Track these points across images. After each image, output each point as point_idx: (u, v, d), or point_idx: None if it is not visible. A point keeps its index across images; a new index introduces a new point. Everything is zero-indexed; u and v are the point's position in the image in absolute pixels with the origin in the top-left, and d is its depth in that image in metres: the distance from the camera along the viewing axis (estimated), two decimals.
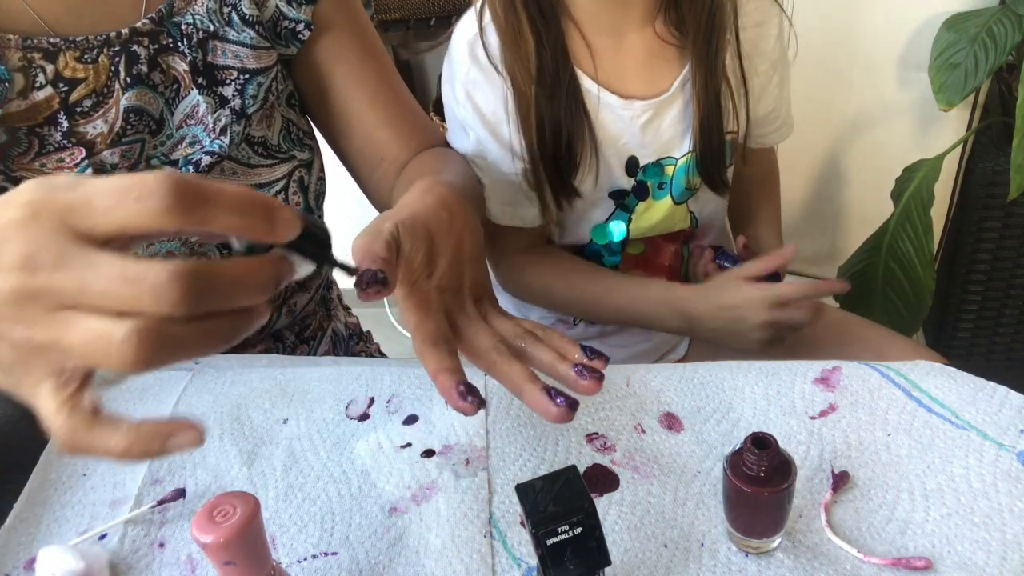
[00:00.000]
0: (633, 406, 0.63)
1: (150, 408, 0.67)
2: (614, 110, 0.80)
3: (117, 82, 0.67)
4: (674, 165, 0.84)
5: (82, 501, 0.59)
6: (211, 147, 0.72)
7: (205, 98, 0.71)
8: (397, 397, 0.66)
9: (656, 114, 0.81)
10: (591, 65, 0.79)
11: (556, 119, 0.79)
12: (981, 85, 1.23)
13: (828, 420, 0.60)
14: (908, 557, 0.50)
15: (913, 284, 1.28)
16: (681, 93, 0.81)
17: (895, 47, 1.38)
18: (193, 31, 0.70)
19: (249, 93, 0.73)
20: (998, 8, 1.24)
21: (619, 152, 0.82)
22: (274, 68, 0.74)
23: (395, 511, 0.57)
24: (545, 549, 0.41)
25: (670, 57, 0.81)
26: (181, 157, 0.72)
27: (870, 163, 1.49)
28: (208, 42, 0.71)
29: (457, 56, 0.81)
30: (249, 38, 0.72)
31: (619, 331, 0.96)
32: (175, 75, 0.71)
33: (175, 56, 0.70)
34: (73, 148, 0.66)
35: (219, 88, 0.72)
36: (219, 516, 0.41)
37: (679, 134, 0.82)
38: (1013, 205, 1.31)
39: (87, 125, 0.67)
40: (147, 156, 0.70)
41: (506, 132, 0.81)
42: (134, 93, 0.68)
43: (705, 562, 0.51)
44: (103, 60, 0.67)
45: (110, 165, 0.68)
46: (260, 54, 0.73)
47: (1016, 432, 0.57)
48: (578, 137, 0.80)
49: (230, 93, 0.72)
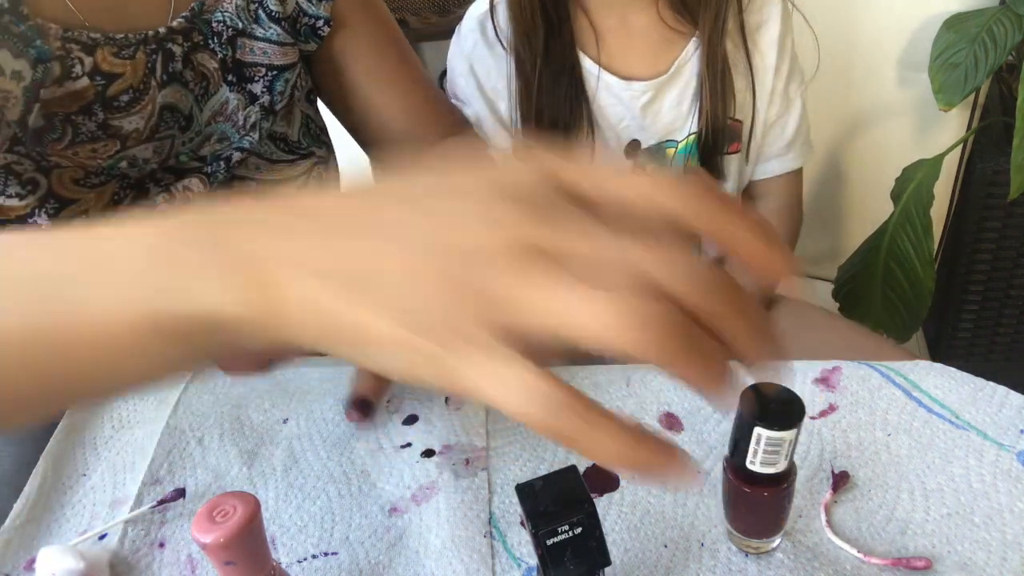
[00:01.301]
0: (633, 406, 0.63)
1: (150, 408, 0.67)
2: (614, 91, 0.81)
3: (153, 79, 0.68)
4: (675, 148, 0.84)
5: (82, 501, 0.59)
6: (241, 143, 0.73)
7: (236, 95, 0.72)
8: (397, 397, 0.66)
9: (656, 96, 0.82)
10: (594, 47, 0.81)
11: (555, 104, 0.80)
12: (981, 85, 1.23)
13: (828, 420, 0.60)
14: (908, 557, 0.50)
15: (913, 284, 1.28)
16: (681, 74, 0.82)
17: (895, 47, 1.37)
18: (223, 28, 0.71)
19: (277, 89, 0.74)
20: (998, 8, 1.24)
21: (619, 136, 0.83)
22: (298, 64, 0.75)
23: (395, 511, 0.57)
24: (545, 549, 0.41)
25: (671, 39, 0.82)
26: (209, 153, 0.73)
27: (870, 163, 1.49)
28: (237, 39, 0.72)
29: (466, 29, 0.84)
30: (276, 34, 0.73)
31: None
32: (204, 72, 0.71)
33: (206, 54, 0.71)
34: (108, 140, 0.66)
35: (248, 85, 0.73)
36: (219, 516, 0.41)
37: (681, 116, 0.83)
38: (1013, 205, 1.31)
39: (123, 120, 0.67)
40: (176, 152, 0.71)
41: (504, 108, 0.83)
42: (170, 90, 0.68)
43: (705, 562, 0.51)
44: (140, 57, 0.67)
45: (142, 160, 0.68)
46: (286, 50, 0.73)
47: (1016, 432, 0.57)
48: (575, 123, 0.81)
49: (259, 90, 0.73)
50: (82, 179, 0.66)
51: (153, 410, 0.66)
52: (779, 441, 0.45)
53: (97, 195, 0.68)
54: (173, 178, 0.71)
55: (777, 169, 0.92)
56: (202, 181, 0.72)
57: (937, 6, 1.30)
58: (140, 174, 0.69)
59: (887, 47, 1.39)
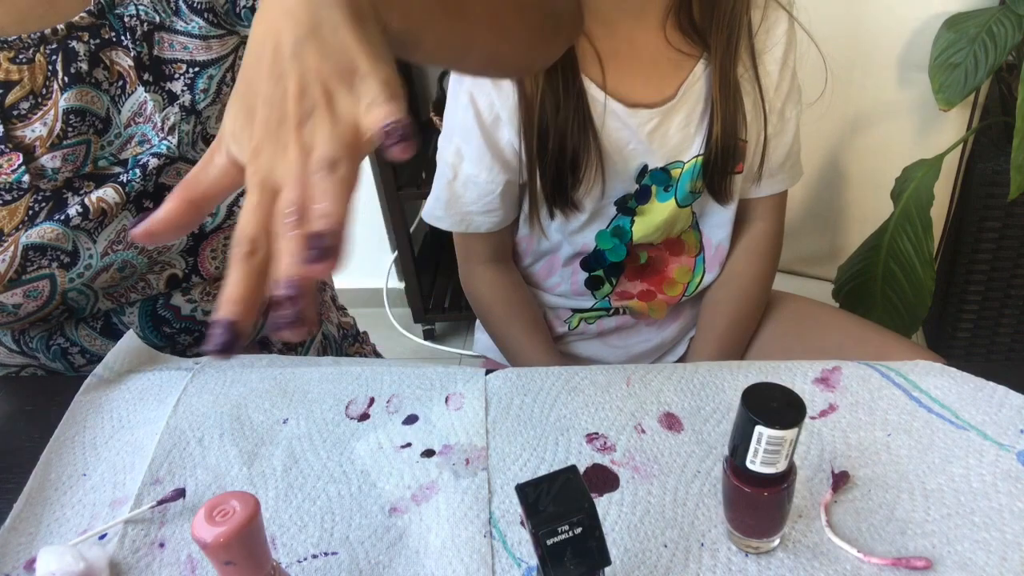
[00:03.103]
0: (633, 406, 0.63)
1: (150, 408, 0.67)
2: (620, 117, 0.80)
3: (55, 82, 0.64)
4: (681, 169, 0.83)
5: (82, 501, 0.59)
6: (159, 148, 0.68)
7: (152, 95, 0.68)
8: (397, 397, 0.66)
9: (663, 121, 0.80)
10: (599, 72, 0.79)
11: (561, 130, 0.78)
12: (981, 85, 1.23)
13: (828, 420, 0.60)
14: (908, 557, 0.50)
15: (913, 284, 1.28)
16: (687, 98, 0.81)
17: (895, 47, 1.37)
18: (137, 23, 0.67)
19: (199, 87, 0.69)
20: (998, 8, 1.24)
21: (625, 159, 0.82)
22: (230, 56, 0.71)
23: (395, 511, 0.57)
24: (545, 549, 0.41)
25: (678, 61, 0.80)
26: (130, 157, 0.69)
27: (870, 163, 1.49)
28: (154, 34, 0.67)
29: None
30: (198, 27, 0.68)
31: (618, 331, 0.96)
32: (119, 71, 0.67)
33: (118, 51, 0.67)
34: (10, 153, 0.64)
35: (167, 84, 0.68)
36: (219, 516, 0.41)
37: (688, 137, 0.82)
38: (1013, 205, 1.31)
39: (24, 129, 0.64)
40: (94, 157, 0.67)
41: (502, 137, 0.80)
42: (73, 93, 0.65)
43: (705, 562, 0.51)
44: (39, 59, 0.64)
45: (51, 169, 0.65)
46: (211, 44, 0.69)
47: (1016, 432, 0.57)
48: (583, 150, 0.79)
49: (179, 88, 0.69)
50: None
51: (153, 410, 0.66)
52: (780, 440, 0.45)
53: (10, 211, 0.65)
54: (93, 186, 0.67)
55: (765, 190, 0.90)
56: (117, 191, 0.67)
57: (937, 6, 1.31)
58: (53, 185, 0.66)
59: (887, 47, 1.39)
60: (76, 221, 0.66)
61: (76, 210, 0.66)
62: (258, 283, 0.35)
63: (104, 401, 0.68)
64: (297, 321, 0.34)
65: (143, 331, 0.75)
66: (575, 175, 0.80)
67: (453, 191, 0.84)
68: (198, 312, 0.78)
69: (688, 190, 0.84)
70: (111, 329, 0.75)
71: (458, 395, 0.65)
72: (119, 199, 0.67)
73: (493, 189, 0.82)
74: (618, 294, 0.92)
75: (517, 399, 0.64)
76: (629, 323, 0.95)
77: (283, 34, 0.38)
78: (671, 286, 0.92)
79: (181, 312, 0.77)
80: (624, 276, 0.91)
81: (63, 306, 0.70)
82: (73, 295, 0.70)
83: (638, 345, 0.97)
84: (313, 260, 0.33)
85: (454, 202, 0.85)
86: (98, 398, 0.68)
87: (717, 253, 0.91)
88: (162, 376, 0.70)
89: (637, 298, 0.92)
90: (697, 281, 0.92)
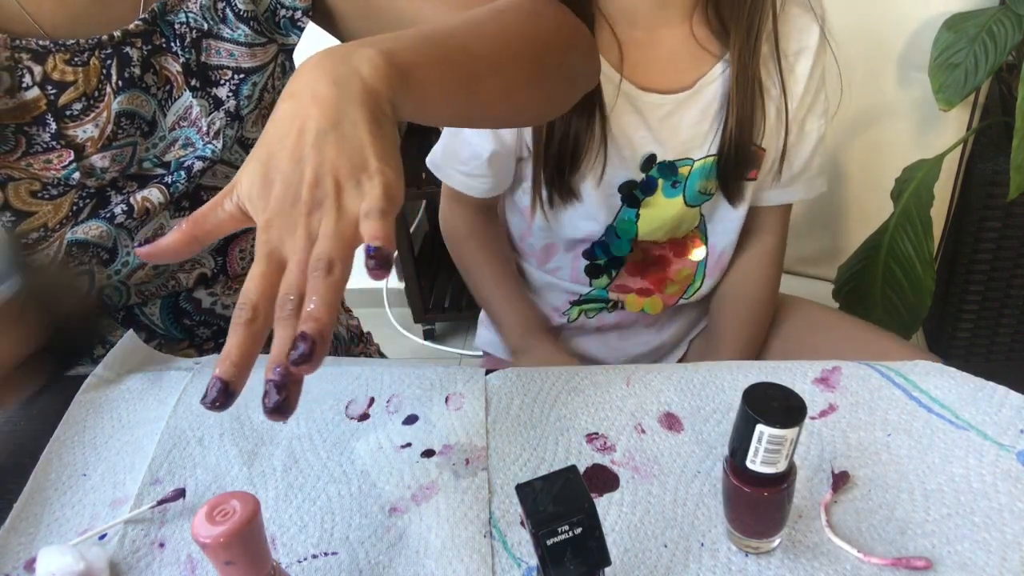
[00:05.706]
0: (633, 406, 0.63)
1: (150, 408, 0.67)
2: (631, 99, 0.79)
3: (109, 86, 0.67)
4: (690, 167, 0.83)
5: (82, 501, 0.59)
6: (203, 151, 0.71)
7: (199, 100, 0.70)
8: (397, 397, 0.66)
9: (675, 110, 0.80)
10: (617, 56, 0.79)
11: (568, 114, 0.78)
12: (981, 85, 1.23)
13: (828, 420, 0.60)
14: (908, 557, 0.50)
15: (913, 284, 1.28)
16: (704, 93, 0.80)
17: (895, 47, 1.37)
18: (186, 30, 0.69)
19: (244, 94, 0.72)
20: (998, 8, 1.24)
21: (634, 147, 0.81)
22: (271, 64, 0.73)
23: (395, 511, 0.57)
24: (545, 549, 0.41)
25: (699, 57, 0.80)
26: (173, 160, 0.71)
27: (870, 163, 1.49)
28: (202, 41, 0.70)
29: None
30: (243, 35, 0.71)
31: (617, 330, 0.96)
32: (168, 76, 0.70)
33: (168, 57, 0.69)
34: (61, 150, 0.66)
35: (213, 89, 0.71)
36: (219, 516, 0.41)
37: (700, 135, 0.81)
38: (1013, 205, 1.31)
39: (77, 129, 0.66)
40: (139, 159, 0.70)
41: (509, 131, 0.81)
42: (126, 97, 0.67)
43: (705, 562, 0.51)
44: (94, 63, 0.66)
45: (100, 169, 0.67)
46: (255, 51, 0.72)
47: (1016, 432, 0.57)
48: (586, 130, 0.79)
49: (224, 94, 0.71)
50: (39, 191, 0.66)
51: (153, 410, 0.66)
52: (781, 439, 0.45)
53: (55, 206, 0.67)
54: (136, 186, 0.70)
55: (773, 199, 0.89)
56: (162, 191, 0.70)
57: (937, 6, 1.30)
58: (99, 183, 0.68)
59: (887, 47, 1.38)
60: (121, 219, 0.69)
61: (121, 208, 0.69)
62: (255, 347, 0.41)
63: (104, 401, 0.68)
64: (276, 411, 0.39)
65: (163, 323, 0.77)
66: (575, 157, 0.80)
67: (453, 145, 0.86)
68: (218, 306, 0.80)
69: (698, 190, 0.84)
70: (133, 320, 0.77)
71: (458, 395, 0.65)
72: (163, 199, 0.70)
73: (480, 154, 0.83)
74: (616, 286, 0.92)
75: (517, 399, 0.64)
76: (628, 321, 0.95)
77: (309, 121, 0.42)
78: (670, 286, 0.92)
79: (202, 305, 0.79)
80: (624, 270, 0.91)
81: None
82: (108, 291, 0.73)
83: (636, 347, 0.97)
84: (296, 361, 0.38)
85: (450, 156, 0.87)
86: (98, 398, 0.68)
87: (720, 260, 0.91)
88: (162, 376, 0.70)
89: (635, 293, 0.92)
90: (696, 286, 0.92)
